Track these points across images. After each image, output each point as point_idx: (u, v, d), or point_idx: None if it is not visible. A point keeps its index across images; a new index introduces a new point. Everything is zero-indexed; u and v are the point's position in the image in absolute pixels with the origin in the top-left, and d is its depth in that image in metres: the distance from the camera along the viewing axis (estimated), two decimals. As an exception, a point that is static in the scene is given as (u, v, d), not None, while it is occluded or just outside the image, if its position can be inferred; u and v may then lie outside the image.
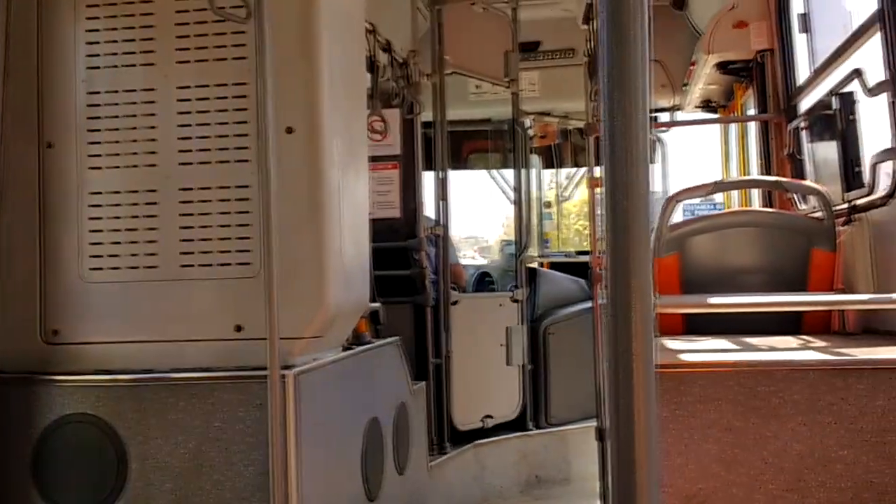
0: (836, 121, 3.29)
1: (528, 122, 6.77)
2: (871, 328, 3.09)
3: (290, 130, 2.50)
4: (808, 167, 4.09)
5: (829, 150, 3.59)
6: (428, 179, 4.97)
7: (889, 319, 2.95)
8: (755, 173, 5.04)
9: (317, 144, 2.50)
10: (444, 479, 4.63)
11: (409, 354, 4.57)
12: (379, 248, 4.54)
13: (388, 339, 3.55)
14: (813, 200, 3.59)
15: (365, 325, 3.32)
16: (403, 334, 4.57)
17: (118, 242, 2.61)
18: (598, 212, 4.30)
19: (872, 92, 2.95)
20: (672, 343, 2.96)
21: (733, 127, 5.97)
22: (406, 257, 4.76)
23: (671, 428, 2.27)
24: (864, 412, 2.17)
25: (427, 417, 4.46)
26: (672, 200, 3.54)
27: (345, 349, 3.01)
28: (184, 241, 2.57)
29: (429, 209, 5.01)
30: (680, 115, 6.68)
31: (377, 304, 3.57)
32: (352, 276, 2.75)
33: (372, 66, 3.89)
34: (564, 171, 7.73)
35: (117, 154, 2.62)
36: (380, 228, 4.67)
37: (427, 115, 4.94)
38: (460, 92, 6.04)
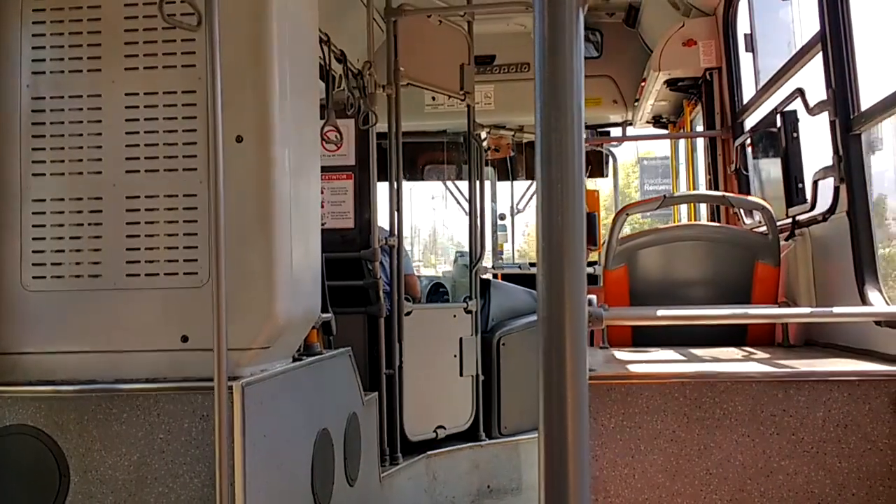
0: (780, 138, 3.37)
1: (483, 134, 6.82)
2: (812, 340, 3.17)
3: (239, 139, 2.48)
4: (754, 183, 4.19)
5: (773, 167, 3.68)
6: (383, 190, 4.97)
7: (828, 332, 3.03)
8: (703, 188, 5.14)
9: (267, 153, 2.49)
10: (395, 490, 4.61)
11: (361, 365, 4.55)
12: (332, 258, 4.53)
13: (340, 350, 3.53)
14: (758, 215, 3.68)
15: (316, 335, 3.30)
16: (356, 345, 4.54)
17: (62, 250, 2.56)
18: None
19: (813, 111, 3.04)
20: (620, 354, 3.01)
21: (682, 142, 6.09)
22: (360, 268, 4.74)
23: (618, 438, 2.30)
24: (804, 423, 2.23)
25: (379, 428, 4.44)
26: (621, 214, 3.59)
27: (295, 360, 2.98)
28: (130, 249, 2.53)
29: (383, 220, 5.01)
30: (631, 131, 6.79)
31: (329, 315, 3.55)
32: (302, 287, 2.73)
33: (326, 76, 3.88)
34: (519, 185, 7.79)
35: (62, 161, 2.57)
36: (333, 239, 4.66)
37: (382, 127, 4.94)
38: (416, 103, 6.05)
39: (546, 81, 0.82)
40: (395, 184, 4.89)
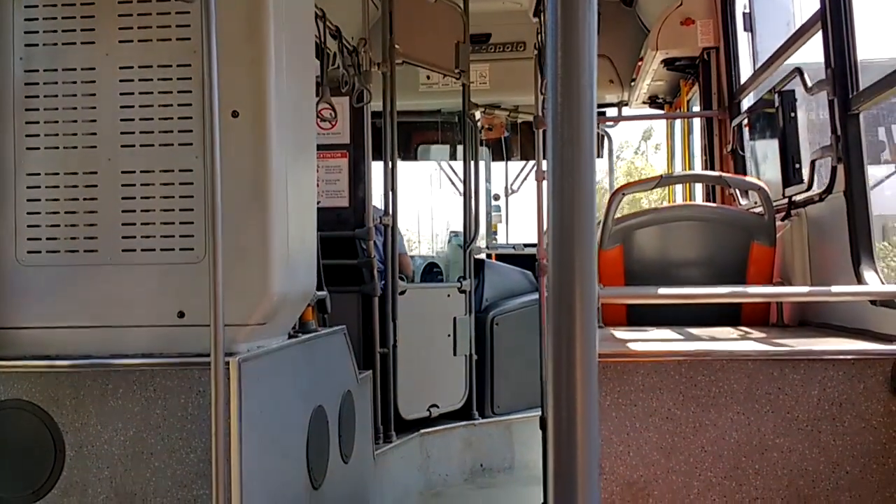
0: (777, 118, 3.37)
1: (477, 114, 6.79)
2: (806, 320, 3.18)
3: (235, 114, 2.46)
4: (750, 163, 4.18)
5: (769, 147, 3.67)
6: (377, 169, 4.95)
7: (823, 312, 3.04)
8: (699, 168, 5.14)
9: (263, 129, 2.47)
10: (388, 468, 4.63)
11: (355, 344, 4.55)
12: (327, 236, 4.51)
13: (335, 328, 3.53)
14: (754, 195, 3.68)
15: (311, 313, 3.30)
16: (350, 323, 4.54)
17: (57, 225, 2.54)
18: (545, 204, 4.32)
19: (812, 91, 3.03)
20: (616, 333, 3.01)
21: (678, 123, 6.07)
22: (354, 247, 4.73)
23: (613, 416, 2.31)
24: (799, 402, 2.24)
25: (373, 406, 4.45)
26: (618, 194, 3.58)
27: (290, 337, 2.98)
28: (125, 224, 2.51)
29: (378, 199, 4.99)
30: (627, 111, 6.77)
31: (324, 293, 3.54)
32: (298, 264, 2.72)
33: (321, 52, 3.85)
34: (514, 165, 7.77)
35: (56, 134, 2.55)
36: (328, 217, 4.64)
37: (377, 105, 4.91)
38: (411, 82, 6.02)
39: (560, 64, 0.81)
40: (390, 163, 4.88)
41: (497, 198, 7.81)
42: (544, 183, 4.42)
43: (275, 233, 2.48)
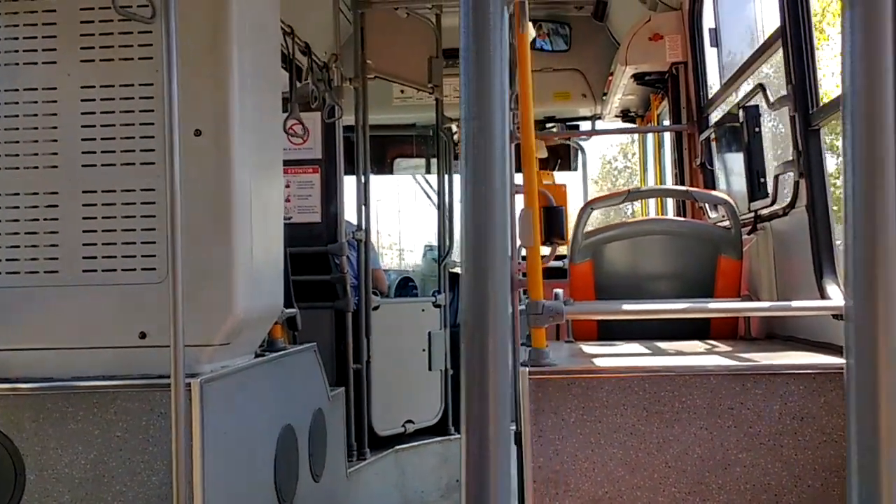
0: (743, 133, 3.40)
1: (453, 127, 6.81)
2: (773, 333, 3.20)
3: (198, 133, 2.45)
4: (719, 177, 4.22)
5: (736, 161, 3.71)
6: (351, 184, 4.94)
7: (789, 325, 3.06)
8: (670, 182, 5.17)
9: (226, 147, 2.46)
10: (363, 485, 4.61)
11: (328, 360, 4.53)
12: (299, 252, 4.50)
13: (305, 345, 3.51)
14: (722, 209, 3.71)
15: (280, 330, 3.28)
16: (324, 340, 4.53)
17: (17, 246, 2.51)
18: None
19: (774, 106, 3.06)
20: (585, 348, 3.01)
21: (650, 137, 6.12)
22: (327, 262, 4.72)
23: (578, 433, 2.31)
24: (761, 416, 2.25)
25: (346, 423, 4.43)
26: (586, 208, 3.60)
27: (257, 356, 2.96)
28: (86, 244, 2.49)
29: (351, 214, 4.98)
30: (601, 124, 6.81)
31: (293, 310, 3.53)
32: (263, 282, 2.70)
33: (290, 68, 3.84)
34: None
35: (17, 154, 2.53)
36: (300, 233, 4.63)
37: (350, 120, 4.91)
38: (384, 96, 6.02)
39: (471, 78, 0.82)
40: (363, 177, 4.88)
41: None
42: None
43: (238, 251, 2.47)
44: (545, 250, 4.19)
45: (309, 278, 4.53)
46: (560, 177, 7.48)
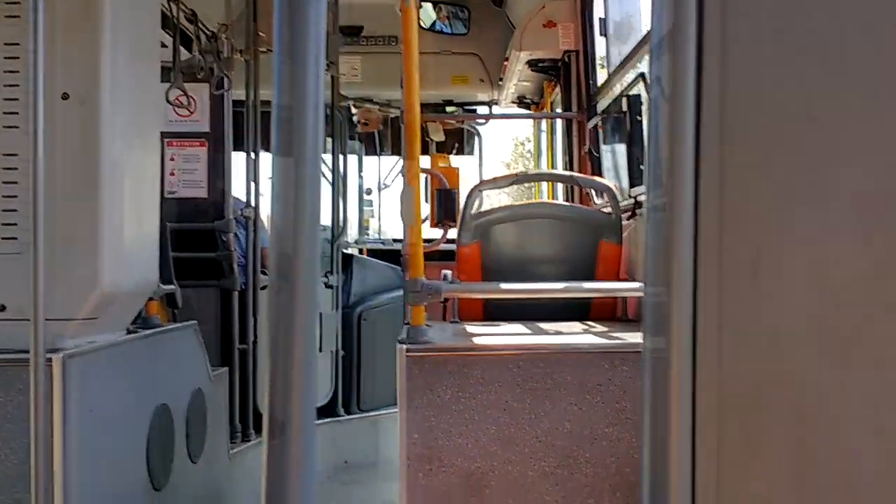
0: (625, 121, 3.49)
1: (353, 107, 6.73)
2: (648, 315, 3.32)
3: (66, 96, 2.33)
4: (605, 163, 4.33)
5: (619, 149, 3.81)
6: (241, 161, 4.82)
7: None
8: (560, 168, 5.28)
9: (95, 113, 2.35)
10: (247, 467, 4.52)
11: (214, 339, 4.42)
12: (183, 228, 4.37)
13: (184, 323, 3.42)
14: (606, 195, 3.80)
15: (157, 307, 3.18)
16: (209, 319, 4.41)
17: None
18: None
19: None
20: (468, 328, 3.05)
21: (544, 123, 6.22)
22: (213, 239, 4.59)
23: (453, 409, 2.33)
24: (627, 393, 2.32)
25: (230, 404, 4.34)
26: (475, 190, 3.63)
27: (130, 332, 2.86)
28: (-59, 211, 2.35)
29: (241, 191, 4.86)
30: (498, 111, 6.87)
31: (173, 287, 3.42)
32: (135, 256, 2.61)
33: (176, 35, 3.70)
34: (387, 160, 7.75)
35: None
36: (184, 208, 4.49)
37: (242, 94, 4.78)
38: (280, 72, 5.89)
39: (285, 55, 0.80)
40: (253, 154, 4.76)
41: (369, 192, 7.77)
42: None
43: (106, 222, 2.37)
44: (438, 232, 4.21)
45: (194, 255, 4.41)
46: (462, 161, 7.53)
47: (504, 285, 2.68)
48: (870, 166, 0.62)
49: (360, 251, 7.04)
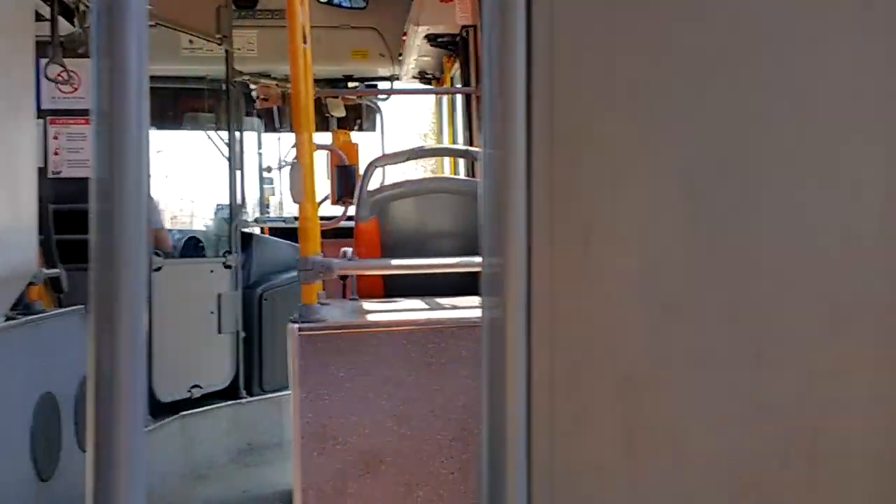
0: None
1: (248, 82, 6.57)
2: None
3: (-77, 71, 2.19)
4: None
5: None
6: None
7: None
8: (461, 143, 5.29)
9: (-43, 88, 2.22)
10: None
11: (105, 324, 4.26)
12: (69, 209, 4.18)
13: (70, 309, 3.28)
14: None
15: (39, 292, 3.04)
16: (100, 303, 4.24)
17: None
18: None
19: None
20: (366, 305, 3.03)
21: (445, 98, 6.21)
22: (102, 220, 4.41)
23: (347, 387, 2.32)
24: (521, 364, 2.36)
25: (124, 390, 4.21)
26: (372, 166, 3.60)
27: (9, 319, 2.73)
28: None
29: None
30: (399, 85, 6.82)
31: (57, 271, 3.28)
32: (10, 239, 2.49)
33: (53, 8, 3.52)
34: (287, 136, 7.61)
35: None
36: (69, 189, 4.29)
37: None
38: (172, 46, 5.69)
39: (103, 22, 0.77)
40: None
41: (269, 170, 7.63)
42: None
43: (-26, 204, 2.25)
44: (340, 209, 4.16)
45: (82, 237, 4.22)
46: (366, 137, 7.45)
47: (395, 261, 2.68)
48: (692, 141, 0.63)
49: (262, 230, 6.91)
